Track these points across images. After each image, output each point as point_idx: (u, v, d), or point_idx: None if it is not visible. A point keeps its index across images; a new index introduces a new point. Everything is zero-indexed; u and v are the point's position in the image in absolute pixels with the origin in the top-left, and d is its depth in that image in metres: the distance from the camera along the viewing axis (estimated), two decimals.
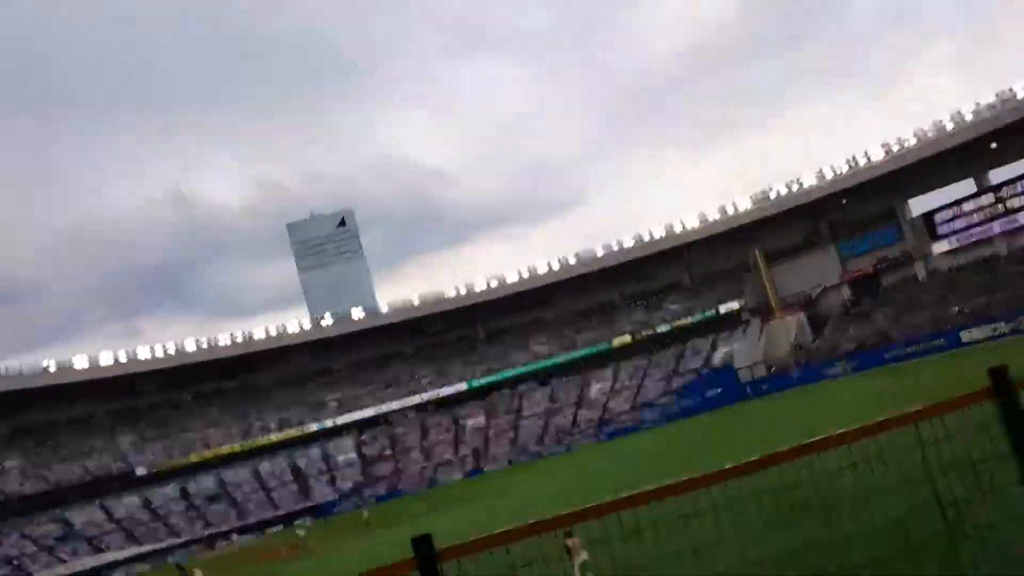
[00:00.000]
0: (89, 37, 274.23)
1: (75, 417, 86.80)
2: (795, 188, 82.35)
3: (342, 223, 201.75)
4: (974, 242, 73.82)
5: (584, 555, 11.30)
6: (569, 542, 11.78)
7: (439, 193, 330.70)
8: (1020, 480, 3.42)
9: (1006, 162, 71.87)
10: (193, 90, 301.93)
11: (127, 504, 79.91)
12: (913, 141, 73.97)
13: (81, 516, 77.31)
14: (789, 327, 79.29)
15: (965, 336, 62.33)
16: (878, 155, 76.32)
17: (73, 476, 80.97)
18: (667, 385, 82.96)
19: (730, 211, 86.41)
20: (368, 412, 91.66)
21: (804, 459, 3.64)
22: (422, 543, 3.21)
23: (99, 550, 72.74)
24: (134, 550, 72.23)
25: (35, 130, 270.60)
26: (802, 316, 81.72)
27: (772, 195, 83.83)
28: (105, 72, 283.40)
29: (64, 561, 70.51)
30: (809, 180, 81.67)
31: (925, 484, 4.63)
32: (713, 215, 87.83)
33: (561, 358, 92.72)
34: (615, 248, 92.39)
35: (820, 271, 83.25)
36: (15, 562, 70.13)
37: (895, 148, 75.09)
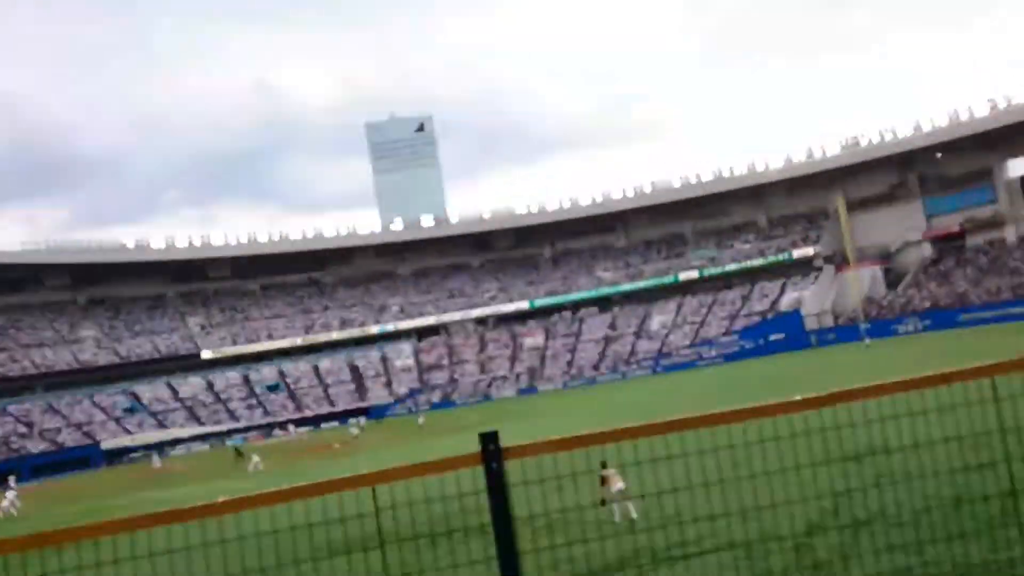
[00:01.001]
0: None
1: (148, 295, 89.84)
2: (888, 137, 78.98)
3: (420, 128, 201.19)
4: None
5: (621, 484, 11.24)
6: (604, 472, 11.58)
7: (521, 107, 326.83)
8: None
9: None
10: None
11: (192, 384, 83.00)
12: (1022, 100, 69.95)
13: (148, 391, 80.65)
14: (863, 279, 77.17)
15: None
16: (982, 110, 72.48)
17: (143, 352, 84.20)
18: (730, 324, 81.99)
19: (816, 154, 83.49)
20: (428, 320, 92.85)
21: (857, 403, 3.57)
22: (489, 439, 3.19)
23: (163, 426, 76.07)
24: (196, 429, 75.39)
25: (128, 8, 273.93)
26: (878, 269, 79.47)
27: (863, 142, 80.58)
28: None
29: (130, 432, 74.00)
30: (904, 130, 78.29)
31: (988, 441, 4.50)
32: (798, 156, 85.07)
33: (625, 286, 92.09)
34: (692, 180, 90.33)
35: (903, 225, 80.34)
36: (83, 428, 73.80)
37: (1001, 105, 71.12)
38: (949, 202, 78.50)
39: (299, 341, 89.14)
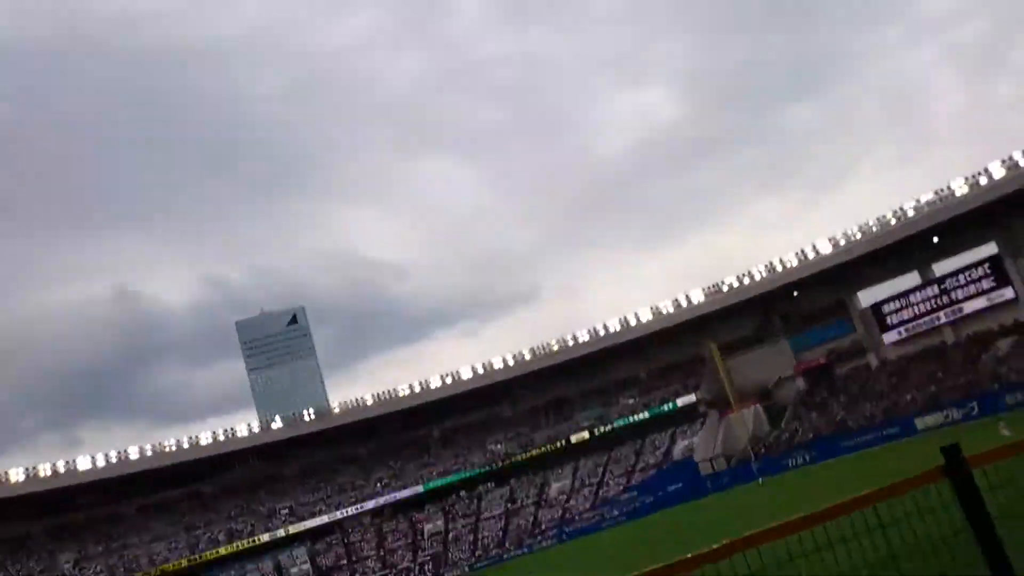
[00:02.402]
0: (33, 130, 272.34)
1: (10, 536, 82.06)
2: (746, 281, 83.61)
3: (293, 320, 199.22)
4: (922, 332, 75.42)
5: None
6: None
7: (392, 290, 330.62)
8: (983, 557, 3.53)
9: (948, 255, 74.20)
10: (138, 187, 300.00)
11: None
12: (859, 235, 75.96)
13: None
14: (747, 419, 79.35)
15: (919, 423, 63.22)
16: (826, 249, 78.11)
17: None
18: (627, 481, 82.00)
19: (683, 303, 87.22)
20: (322, 520, 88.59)
21: (758, 548, 3.72)
22: None
23: None
24: None
25: None
26: (759, 407, 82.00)
27: (724, 288, 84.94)
28: (46, 166, 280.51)
29: None
30: (760, 273, 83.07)
31: (888, 568, 4.73)
32: (667, 308, 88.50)
33: (519, 457, 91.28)
34: (570, 343, 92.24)
35: (774, 363, 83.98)
36: None
37: (842, 242, 76.97)
38: (812, 336, 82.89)
39: (184, 562, 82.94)
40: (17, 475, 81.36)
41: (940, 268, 75.52)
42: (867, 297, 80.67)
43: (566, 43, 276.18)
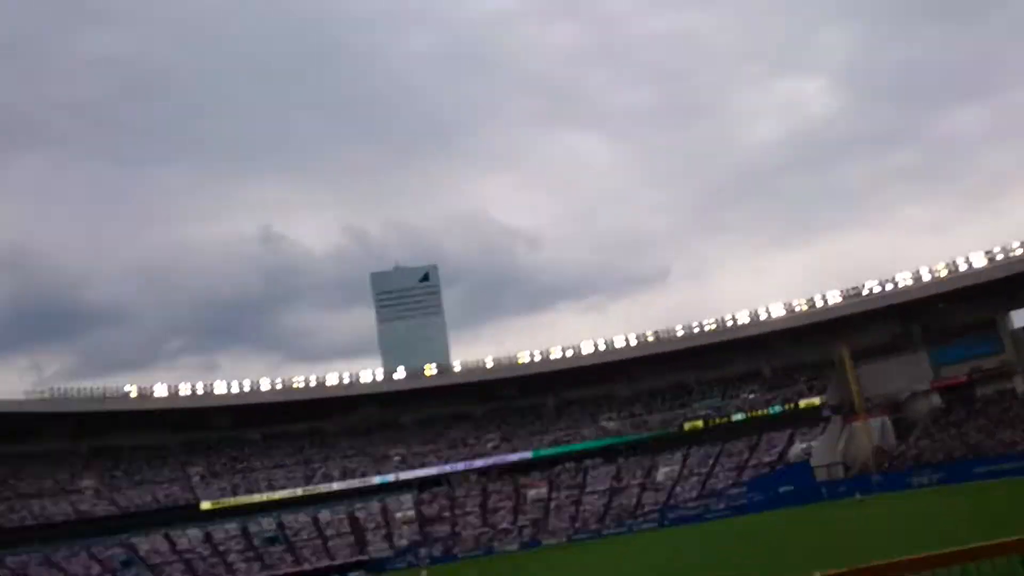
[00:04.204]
0: (193, 82, 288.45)
1: (150, 444, 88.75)
2: (889, 287, 79.97)
3: (425, 278, 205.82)
4: None
5: None
6: None
7: (523, 257, 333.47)
8: None
9: None
10: (290, 137, 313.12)
11: (190, 536, 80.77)
12: (1020, 251, 71.24)
13: (146, 543, 78.41)
14: (872, 429, 76.24)
15: None
16: (980, 262, 73.71)
17: (143, 503, 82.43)
18: (738, 476, 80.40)
19: (819, 304, 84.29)
20: (431, 470, 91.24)
21: None
22: None
23: None
24: None
25: (137, 163, 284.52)
26: (887, 419, 78.64)
27: (864, 292, 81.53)
28: (207, 114, 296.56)
29: None
30: (905, 280, 79.27)
31: None
32: (800, 306, 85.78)
33: (630, 436, 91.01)
34: (695, 330, 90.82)
35: (909, 375, 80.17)
36: None
37: (999, 256, 72.43)
38: (955, 352, 78.50)
39: (299, 492, 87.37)
40: (161, 391, 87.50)
41: None
42: (1021, 318, 75.80)
43: (723, 26, 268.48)
